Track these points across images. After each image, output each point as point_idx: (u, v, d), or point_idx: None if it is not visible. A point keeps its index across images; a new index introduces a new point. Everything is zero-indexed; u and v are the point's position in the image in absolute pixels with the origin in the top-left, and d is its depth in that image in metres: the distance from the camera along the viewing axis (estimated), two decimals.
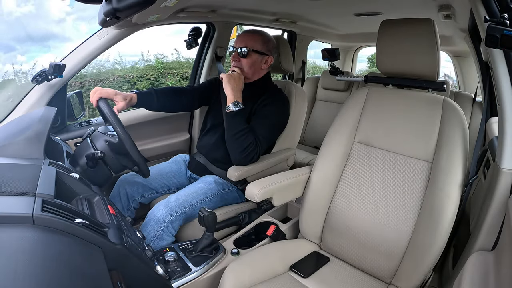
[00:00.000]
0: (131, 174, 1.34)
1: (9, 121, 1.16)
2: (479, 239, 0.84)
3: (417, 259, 0.91)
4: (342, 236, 1.08)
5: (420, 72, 1.03)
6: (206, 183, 1.29)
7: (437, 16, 1.56)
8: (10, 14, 4.31)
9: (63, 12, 4.92)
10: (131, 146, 1.00)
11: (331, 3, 1.68)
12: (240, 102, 1.23)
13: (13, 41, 4.38)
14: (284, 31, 2.50)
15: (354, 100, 1.15)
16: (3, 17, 4.25)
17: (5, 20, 4.27)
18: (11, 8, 4.34)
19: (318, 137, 2.26)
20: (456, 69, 2.89)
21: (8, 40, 4.36)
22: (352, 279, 1.01)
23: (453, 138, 0.93)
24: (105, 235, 0.62)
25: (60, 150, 1.06)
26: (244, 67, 1.32)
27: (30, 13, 4.61)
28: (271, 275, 0.97)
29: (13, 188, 0.59)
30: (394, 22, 1.04)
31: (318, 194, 1.12)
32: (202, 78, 1.93)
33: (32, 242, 0.49)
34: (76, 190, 0.78)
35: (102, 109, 1.04)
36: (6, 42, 4.34)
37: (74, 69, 1.31)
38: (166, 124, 1.77)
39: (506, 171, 0.79)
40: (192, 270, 0.99)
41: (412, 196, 0.97)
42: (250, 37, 1.33)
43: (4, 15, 4.27)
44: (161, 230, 1.14)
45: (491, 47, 0.68)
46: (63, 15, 5.00)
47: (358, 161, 1.10)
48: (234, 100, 1.22)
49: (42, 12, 4.79)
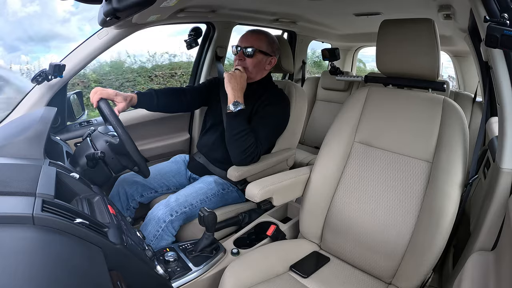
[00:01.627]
0: (131, 174, 1.34)
1: (9, 121, 1.16)
2: (479, 239, 0.84)
3: (417, 259, 0.91)
4: (342, 236, 1.08)
5: (420, 72, 1.03)
6: (206, 183, 1.29)
7: (437, 16, 1.56)
8: (15, 14, 4.31)
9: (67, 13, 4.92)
10: (132, 147, 1.00)
11: (331, 3, 1.68)
12: (240, 102, 1.22)
13: (17, 41, 4.38)
14: (284, 31, 2.50)
15: (354, 100, 1.15)
16: (8, 17, 4.25)
17: (10, 20, 4.26)
18: (16, 8, 4.33)
19: (318, 137, 2.25)
20: (456, 69, 2.89)
21: (12, 40, 4.35)
22: (352, 279, 1.01)
23: (453, 138, 0.93)
24: (105, 235, 0.62)
25: (60, 150, 1.06)
26: (248, 67, 1.32)
27: (35, 13, 4.59)
28: (271, 275, 0.97)
29: (13, 188, 0.59)
30: (394, 22, 1.04)
31: (318, 194, 1.12)
32: (202, 78, 1.93)
33: (32, 242, 0.49)
34: (76, 190, 0.78)
35: (103, 109, 1.04)
36: (10, 42, 4.33)
37: (74, 69, 1.31)
38: (166, 124, 1.77)
39: (506, 171, 0.79)
40: (192, 270, 0.99)
41: (412, 196, 0.97)
42: (257, 37, 1.34)
43: (9, 15, 4.27)
44: (161, 230, 1.14)
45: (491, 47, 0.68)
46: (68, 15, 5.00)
47: (358, 161, 1.10)
48: (234, 100, 1.22)
49: (47, 12, 4.78)
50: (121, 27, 1.32)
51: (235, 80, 1.25)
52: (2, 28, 4.30)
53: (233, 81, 1.24)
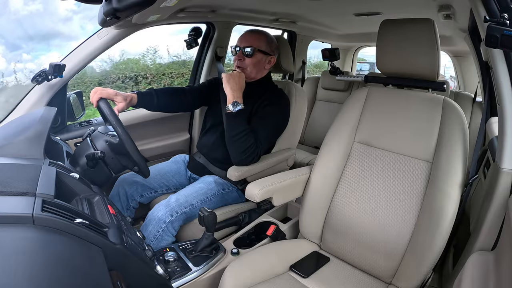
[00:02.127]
0: (131, 174, 1.34)
1: (9, 121, 1.16)
2: (479, 239, 0.84)
3: (417, 259, 0.91)
4: (342, 236, 1.08)
5: (420, 72, 1.03)
6: (206, 183, 1.29)
7: (437, 16, 1.56)
8: (17, 12, 4.31)
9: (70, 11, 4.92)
10: (132, 147, 0.99)
11: (331, 3, 1.68)
12: (239, 102, 1.22)
13: (19, 39, 4.38)
14: (284, 31, 2.50)
15: (354, 100, 1.15)
16: (10, 15, 4.25)
17: (12, 19, 4.26)
18: (18, 7, 4.33)
19: (318, 137, 2.25)
20: (456, 69, 2.89)
21: (14, 38, 4.35)
22: (352, 279, 1.01)
23: (453, 138, 0.93)
24: (105, 235, 0.62)
25: (60, 150, 1.06)
26: (248, 67, 1.32)
27: (38, 11, 4.59)
28: (271, 275, 0.97)
29: (13, 188, 0.59)
30: (394, 22, 1.04)
31: (318, 194, 1.12)
32: (202, 78, 1.93)
33: (32, 242, 0.49)
34: (76, 190, 0.78)
35: (103, 109, 1.04)
36: (12, 41, 4.33)
37: (74, 69, 1.31)
38: (166, 124, 1.77)
39: (506, 171, 0.79)
40: (192, 270, 0.99)
41: (412, 196, 0.97)
42: (256, 36, 1.34)
43: (11, 14, 4.26)
44: (162, 230, 1.14)
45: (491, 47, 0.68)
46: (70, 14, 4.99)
47: (358, 161, 1.10)
48: (233, 100, 1.22)
49: (49, 10, 4.78)
50: (121, 27, 1.32)
51: (233, 80, 1.25)
52: (4, 27, 4.29)
53: (231, 81, 1.24)
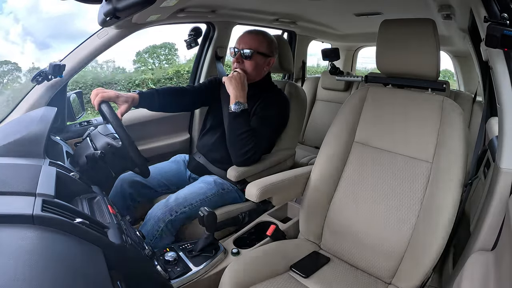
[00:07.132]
0: (131, 174, 1.34)
1: (9, 121, 1.16)
2: (479, 239, 0.84)
3: (417, 259, 0.91)
4: (342, 236, 1.08)
5: (420, 72, 1.03)
6: (206, 183, 1.29)
7: (437, 16, 1.56)
8: (48, 12, 4.32)
9: None
10: (134, 151, 0.99)
11: (331, 3, 1.69)
12: (242, 102, 1.22)
13: (49, 38, 4.38)
14: (284, 31, 2.50)
15: (354, 100, 1.15)
16: (42, 15, 4.26)
17: (43, 18, 4.27)
18: (50, 7, 4.33)
19: (318, 137, 2.25)
20: (456, 69, 2.89)
21: (44, 37, 4.36)
22: (352, 279, 1.01)
23: (453, 138, 0.93)
24: (105, 235, 0.62)
25: (60, 150, 1.06)
26: (247, 69, 1.31)
27: (69, 11, 4.60)
28: (271, 275, 0.97)
29: (13, 188, 0.59)
30: (394, 22, 1.04)
31: (318, 194, 1.12)
32: (202, 78, 1.92)
33: (32, 242, 0.49)
34: (76, 190, 0.78)
35: (105, 113, 1.03)
36: (42, 40, 4.34)
37: (74, 69, 1.31)
38: (166, 124, 1.77)
39: (506, 171, 0.79)
40: (192, 270, 0.99)
41: (412, 196, 0.97)
42: (254, 38, 1.31)
43: (43, 13, 4.28)
44: (161, 230, 1.14)
45: (491, 47, 0.68)
46: None
47: (358, 161, 1.10)
48: (236, 100, 1.22)
49: (80, 11, 4.80)
50: (121, 27, 1.32)
51: (235, 81, 1.24)
52: (34, 26, 4.30)
53: (233, 82, 1.24)
